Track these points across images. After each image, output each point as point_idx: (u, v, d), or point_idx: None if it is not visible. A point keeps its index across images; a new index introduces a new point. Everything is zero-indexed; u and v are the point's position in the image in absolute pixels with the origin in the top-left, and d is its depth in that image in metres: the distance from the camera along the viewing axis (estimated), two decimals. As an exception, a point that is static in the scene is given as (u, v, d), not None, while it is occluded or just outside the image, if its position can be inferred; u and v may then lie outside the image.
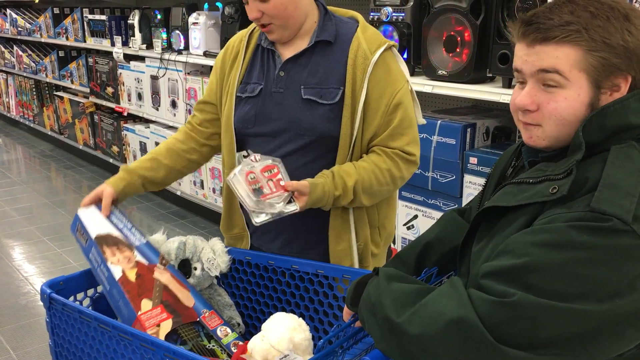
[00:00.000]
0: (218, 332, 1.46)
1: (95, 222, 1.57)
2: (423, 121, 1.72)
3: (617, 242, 0.88)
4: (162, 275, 1.49)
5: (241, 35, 1.74)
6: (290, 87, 1.60)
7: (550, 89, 1.00)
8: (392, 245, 2.92)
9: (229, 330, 1.48)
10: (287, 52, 1.63)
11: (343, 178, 1.54)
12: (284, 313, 1.32)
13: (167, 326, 1.39)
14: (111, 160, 5.58)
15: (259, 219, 1.48)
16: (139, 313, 1.39)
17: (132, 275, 1.46)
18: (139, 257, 1.51)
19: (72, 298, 1.50)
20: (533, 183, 1.01)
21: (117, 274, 1.45)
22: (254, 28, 1.71)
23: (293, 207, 1.50)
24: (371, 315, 1.05)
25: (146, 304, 1.41)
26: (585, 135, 0.98)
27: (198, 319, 1.46)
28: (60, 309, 1.41)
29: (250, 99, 1.65)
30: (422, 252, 1.29)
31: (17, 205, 4.98)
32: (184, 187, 4.58)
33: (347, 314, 1.20)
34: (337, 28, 1.61)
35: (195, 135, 1.77)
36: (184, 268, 1.61)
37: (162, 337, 1.38)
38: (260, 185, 1.48)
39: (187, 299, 1.48)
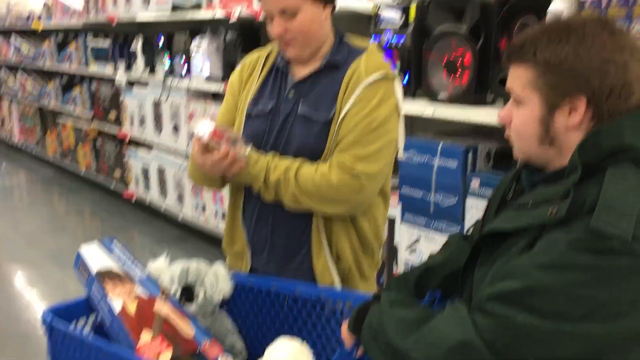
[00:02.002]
0: None
1: (97, 258, 1.59)
2: (401, 156, 1.71)
3: (618, 262, 0.89)
4: (163, 307, 1.50)
5: (258, 54, 1.77)
6: (294, 107, 1.64)
7: (518, 105, 1.08)
8: (395, 269, 2.91)
9: (230, 358, 1.48)
10: (299, 74, 1.67)
11: (283, 158, 1.60)
12: (287, 338, 1.31)
13: (166, 357, 1.39)
14: (113, 185, 5.59)
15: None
16: (139, 345, 1.39)
17: (132, 308, 1.46)
18: (139, 291, 1.52)
19: (73, 324, 1.50)
20: (532, 206, 1.02)
21: (117, 307, 1.46)
22: (273, 48, 1.76)
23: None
24: (374, 341, 1.04)
25: (146, 336, 1.42)
26: (581, 156, 0.99)
27: (198, 351, 1.46)
28: (61, 336, 1.41)
29: (261, 116, 1.68)
30: (425, 273, 1.29)
31: (19, 230, 4.98)
32: (186, 211, 4.58)
33: (348, 340, 1.19)
34: (348, 55, 1.64)
35: None
36: (187, 294, 1.61)
37: None
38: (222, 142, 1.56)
39: (187, 329, 1.48)
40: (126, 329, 1.41)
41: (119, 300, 1.48)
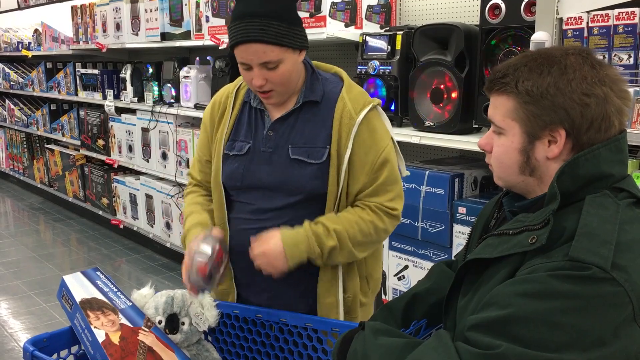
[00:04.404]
0: None
1: (80, 287, 1.58)
2: (407, 172, 1.76)
3: (598, 290, 0.89)
4: (147, 338, 1.48)
5: (227, 91, 1.74)
6: (279, 147, 1.62)
7: (498, 134, 1.09)
8: (383, 297, 2.90)
9: None
10: (276, 112, 1.65)
11: (323, 223, 1.56)
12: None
13: None
14: (100, 213, 5.55)
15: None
16: None
17: (115, 338, 1.45)
18: (123, 320, 1.51)
19: (55, 355, 1.47)
20: (513, 234, 1.02)
21: (101, 338, 1.44)
22: (241, 84, 1.73)
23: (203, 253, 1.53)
24: (359, 371, 1.03)
25: None
26: (559, 185, 1.00)
27: None
28: (42, 367, 1.39)
29: (238, 157, 1.66)
30: (410, 302, 1.29)
31: (4, 259, 4.92)
32: (174, 239, 4.55)
33: (334, 369, 1.18)
34: (323, 87, 1.64)
35: (207, 192, 1.78)
36: (172, 323, 1.59)
37: None
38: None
39: (171, 359, 1.47)
40: (110, 359, 1.39)
41: (102, 330, 1.46)
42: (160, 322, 1.58)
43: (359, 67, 2.86)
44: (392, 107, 2.76)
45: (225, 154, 1.68)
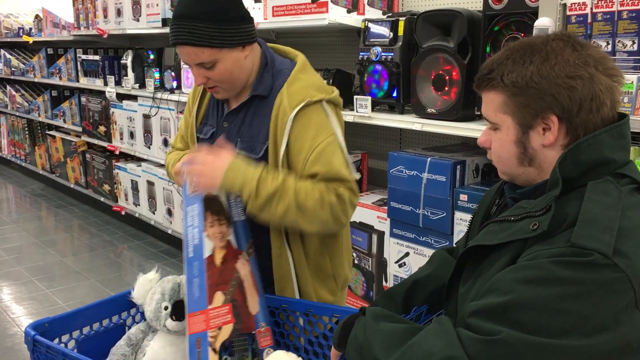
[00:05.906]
0: (264, 354, 1.47)
1: None
2: (357, 175, 1.66)
3: (600, 276, 0.89)
4: (243, 268, 1.50)
5: None
6: (230, 139, 1.63)
7: (494, 130, 1.10)
8: (384, 284, 2.91)
9: (274, 355, 1.46)
10: (233, 103, 1.67)
11: (276, 170, 1.54)
12: (282, 351, 1.31)
13: (226, 331, 1.43)
14: (102, 199, 5.56)
15: None
16: (209, 307, 1.42)
17: (218, 258, 1.47)
18: (231, 237, 1.52)
19: (57, 340, 1.48)
20: (514, 220, 1.02)
21: (207, 252, 1.46)
22: None
23: None
24: (359, 357, 1.04)
25: (218, 298, 1.44)
26: (561, 171, 1.00)
27: (253, 332, 1.48)
28: (44, 352, 1.39)
29: (205, 141, 1.70)
30: (411, 289, 1.29)
31: (6, 245, 4.94)
32: (175, 225, 4.56)
33: (334, 355, 1.19)
34: (273, 80, 1.61)
35: None
36: (178, 309, 1.58)
37: (219, 342, 1.42)
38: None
39: (253, 305, 1.50)
40: (206, 281, 1.42)
41: (211, 241, 1.48)
42: (166, 308, 1.58)
43: (361, 53, 2.84)
44: (394, 94, 2.74)
45: (198, 137, 1.73)
